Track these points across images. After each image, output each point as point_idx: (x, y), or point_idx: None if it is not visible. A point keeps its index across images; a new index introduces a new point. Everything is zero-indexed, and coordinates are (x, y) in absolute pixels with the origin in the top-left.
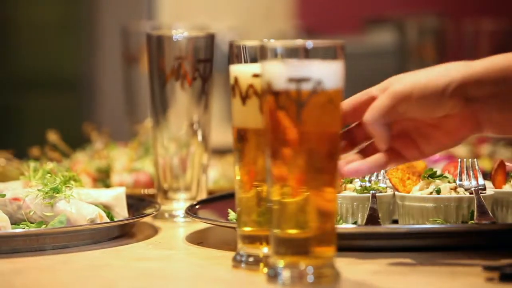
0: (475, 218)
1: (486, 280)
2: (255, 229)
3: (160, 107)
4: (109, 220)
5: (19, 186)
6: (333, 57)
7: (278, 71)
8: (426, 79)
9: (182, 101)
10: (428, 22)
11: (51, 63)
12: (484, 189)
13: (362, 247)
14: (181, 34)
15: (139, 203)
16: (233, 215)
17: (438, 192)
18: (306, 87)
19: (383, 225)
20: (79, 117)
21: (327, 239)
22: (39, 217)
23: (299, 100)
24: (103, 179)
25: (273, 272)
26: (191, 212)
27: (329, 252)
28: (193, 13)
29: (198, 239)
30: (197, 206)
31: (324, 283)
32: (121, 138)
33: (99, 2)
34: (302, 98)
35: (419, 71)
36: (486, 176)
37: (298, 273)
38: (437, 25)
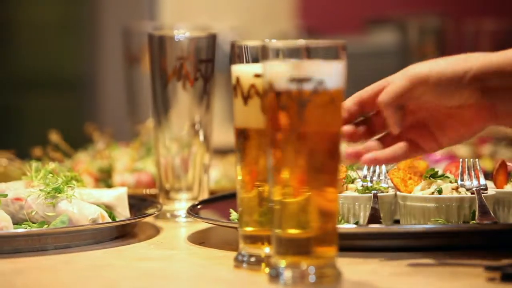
0: (476, 218)
1: (488, 280)
2: (256, 229)
3: (162, 107)
4: (111, 220)
5: (21, 186)
6: (334, 57)
7: (280, 71)
8: (445, 64)
9: (184, 101)
10: (429, 22)
11: (52, 63)
12: (486, 189)
13: (364, 247)
14: (183, 34)
15: (141, 203)
16: (234, 215)
17: (439, 192)
18: (308, 87)
19: (385, 225)
20: (81, 117)
21: (328, 239)
22: (41, 217)
23: (300, 100)
24: (105, 179)
25: (274, 272)
26: (193, 212)
27: (330, 252)
28: (195, 13)
29: (200, 239)
30: (198, 206)
31: (325, 283)
32: (123, 138)
33: (100, 2)
34: (303, 98)
35: (439, 58)
36: (487, 176)
37: (300, 273)
38: (438, 25)
